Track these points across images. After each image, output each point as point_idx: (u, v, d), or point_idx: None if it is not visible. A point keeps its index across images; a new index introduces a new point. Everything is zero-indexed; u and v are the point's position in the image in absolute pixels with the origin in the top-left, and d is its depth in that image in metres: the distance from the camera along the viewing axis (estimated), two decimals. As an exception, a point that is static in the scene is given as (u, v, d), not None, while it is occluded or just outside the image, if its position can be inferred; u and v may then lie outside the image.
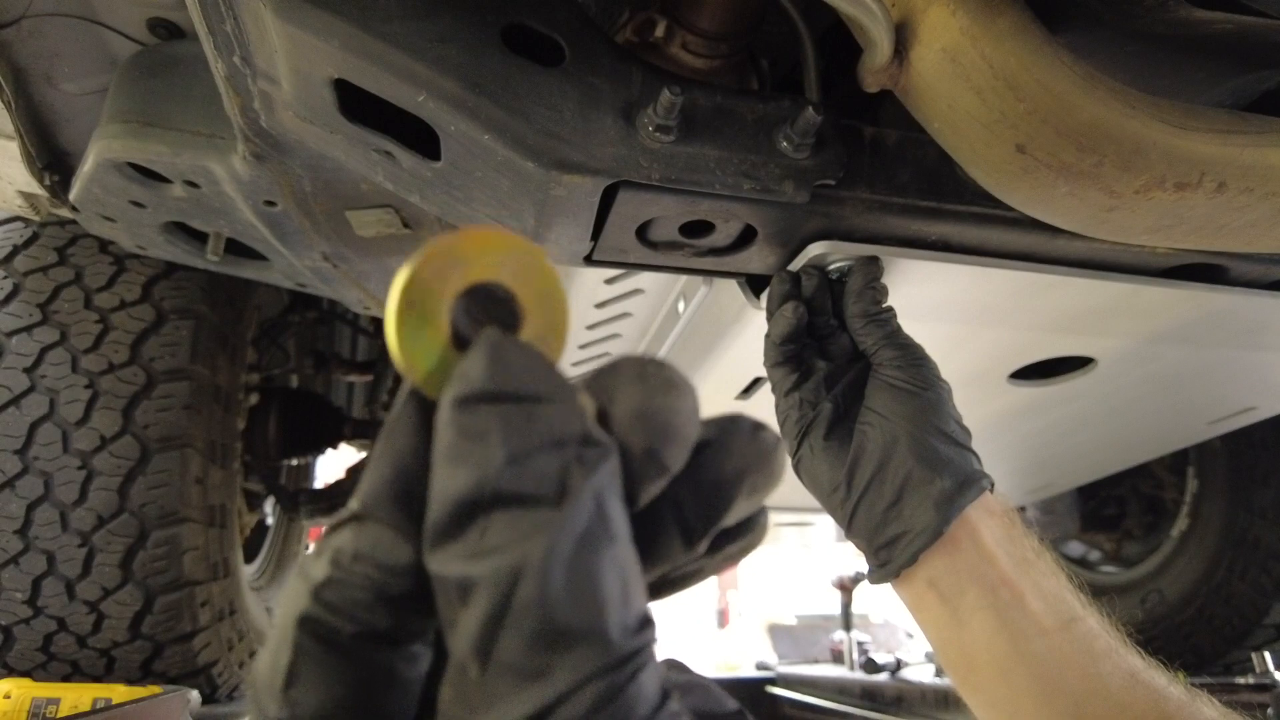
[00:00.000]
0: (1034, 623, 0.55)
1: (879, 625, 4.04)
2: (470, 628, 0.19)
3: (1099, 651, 0.55)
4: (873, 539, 0.61)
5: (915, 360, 0.64)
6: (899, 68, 0.54)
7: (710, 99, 0.62)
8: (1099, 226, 0.58)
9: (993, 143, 0.53)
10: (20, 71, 0.97)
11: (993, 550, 0.58)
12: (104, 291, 1.32)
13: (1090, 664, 0.54)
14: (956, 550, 0.59)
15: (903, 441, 0.61)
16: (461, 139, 0.61)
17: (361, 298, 1.27)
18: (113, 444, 1.26)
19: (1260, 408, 1.17)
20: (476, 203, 0.68)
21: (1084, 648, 0.55)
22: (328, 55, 0.60)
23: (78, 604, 1.26)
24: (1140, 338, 0.91)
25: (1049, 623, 0.55)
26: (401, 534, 0.22)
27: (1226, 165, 0.52)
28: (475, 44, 0.60)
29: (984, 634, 0.57)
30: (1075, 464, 1.56)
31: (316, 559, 0.22)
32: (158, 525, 1.27)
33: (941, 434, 0.61)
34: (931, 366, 0.65)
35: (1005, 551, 0.58)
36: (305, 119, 0.70)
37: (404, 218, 0.98)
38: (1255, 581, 1.84)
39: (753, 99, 0.64)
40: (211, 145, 0.88)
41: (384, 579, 0.21)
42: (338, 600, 0.21)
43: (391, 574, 0.21)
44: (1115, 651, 0.55)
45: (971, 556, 0.58)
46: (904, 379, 0.63)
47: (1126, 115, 0.50)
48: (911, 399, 0.62)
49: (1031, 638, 0.55)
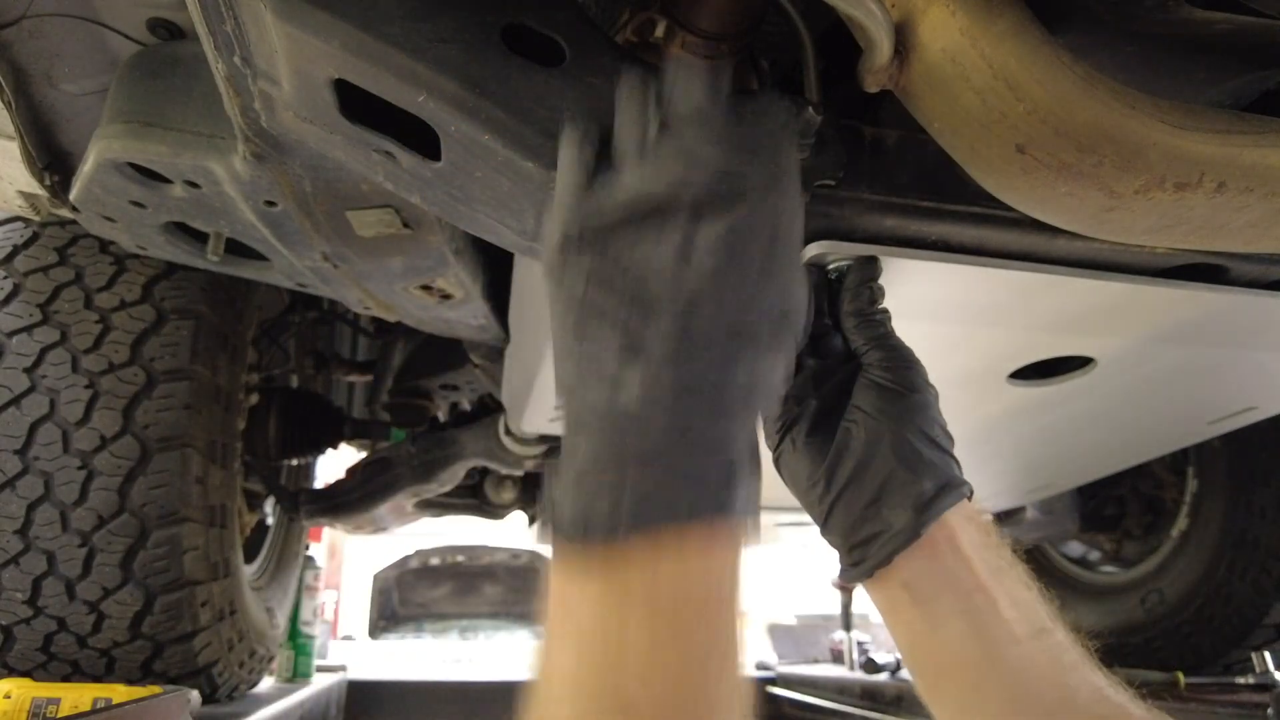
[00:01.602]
0: (1007, 631, 0.55)
1: (879, 625, 4.04)
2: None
3: (1068, 664, 0.55)
4: (848, 537, 0.61)
5: (905, 362, 0.64)
6: (899, 68, 0.54)
7: (710, 99, 0.62)
8: (1099, 226, 0.58)
9: (993, 143, 0.53)
10: (21, 72, 0.97)
11: (969, 556, 0.58)
12: (104, 292, 1.32)
13: (1061, 675, 0.54)
14: (934, 554, 0.58)
15: (886, 441, 0.61)
16: (462, 139, 0.61)
17: (361, 298, 1.27)
18: (113, 444, 1.26)
19: (1260, 407, 1.17)
20: (477, 203, 0.68)
21: (1055, 659, 0.55)
22: (328, 56, 0.60)
23: (78, 604, 1.26)
24: (1140, 337, 0.91)
25: (1021, 632, 0.55)
26: None
27: (1226, 165, 0.52)
28: (475, 44, 0.60)
29: (956, 639, 0.56)
30: (1075, 464, 1.57)
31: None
32: (158, 525, 1.27)
33: (926, 437, 0.61)
34: (921, 370, 0.65)
35: (981, 558, 0.58)
36: (305, 119, 0.70)
37: (404, 218, 0.98)
38: (1255, 581, 1.84)
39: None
40: (212, 145, 0.88)
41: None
42: None
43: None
44: (1083, 665, 0.55)
45: (948, 561, 0.58)
46: (892, 379, 0.63)
47: (1126, 115, 0.50)
48: (899, 400, 0.62)
49: (1004, 646, 0.55)
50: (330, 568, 5.08)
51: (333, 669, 2.73)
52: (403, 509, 2.24)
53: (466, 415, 2.08)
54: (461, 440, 1.95)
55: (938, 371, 0.66)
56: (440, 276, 1.18)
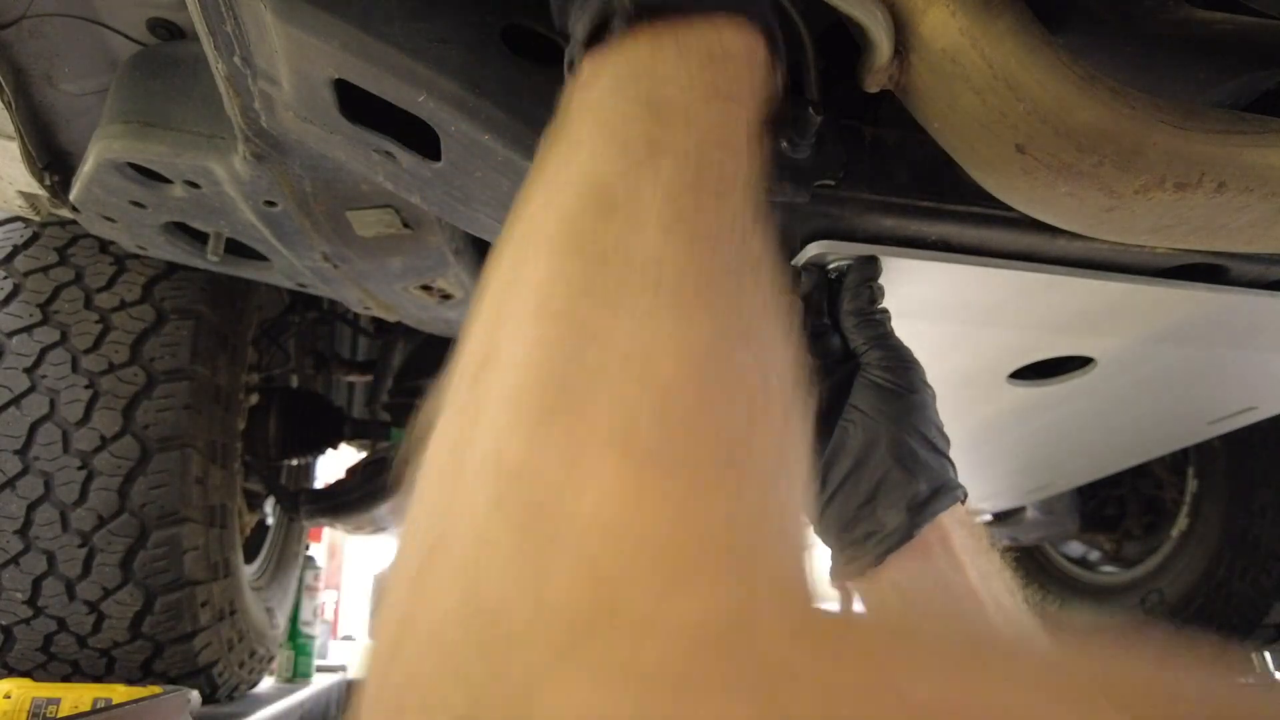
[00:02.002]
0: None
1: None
2: None
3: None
4: (842, 535, 0.61)
5: (904, 363, 0.64)
6: (899, 68, 0.54)
7: (710, 99, 0.62)
8: (1099, 226, 0.58)
9: (993, 143, 0.53)
10: (21, 72, 0.97)
11: (962, 560, 0.58)
12: (104, 292, 1.32)
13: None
14: (926, 555, 0.58)
15: (883, 441, 0.61)
16: (462, 139, 0.61)
17: (362, 298, 1.27)
18: (113, 444, 1.26)
19: (1260, 407, 1.16)
20: (476, 203, 0.68)
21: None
22: (328, 56, 0.60)
23: (78, 604, 1.26)
24: (1140, 337, 0.91)
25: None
26: None
27: (1226, 165, 0.52)
28: (475, 44, 0.60)
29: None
30: (1075, 464, 1.56)
31: None
32: (158, 525, 1.27)
33: (923, 438, 0.61)
34: (919, 371, 0.65)
35: (973, 563, 0.58)
36: (305, 119, 0.70)
37: (404, 218, 0.98)
38: (1255, 581, 1.84)
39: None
40: (212, 145, 0.88)
41: None
42: None
43: None
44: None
45: (940, 563, 0.58)
46: (891, 379, 0.63)
47: (1126, 115, 0.50)
48: (896, 400, 0.62)
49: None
50: (330, 568, 5.08)
51: (333, 669, 2.73)
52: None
53: (467, 415, 2.07)
54: (462, 440, 1.95)
55: (937, 371, 0.66)
56: (440, 276, 1.18)
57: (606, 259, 0.31)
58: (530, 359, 0.29)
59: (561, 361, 0.28)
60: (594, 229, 0.32)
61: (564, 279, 0.31)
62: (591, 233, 0.32)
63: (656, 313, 0.29)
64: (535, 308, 0.30)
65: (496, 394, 0.28)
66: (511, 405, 0.27)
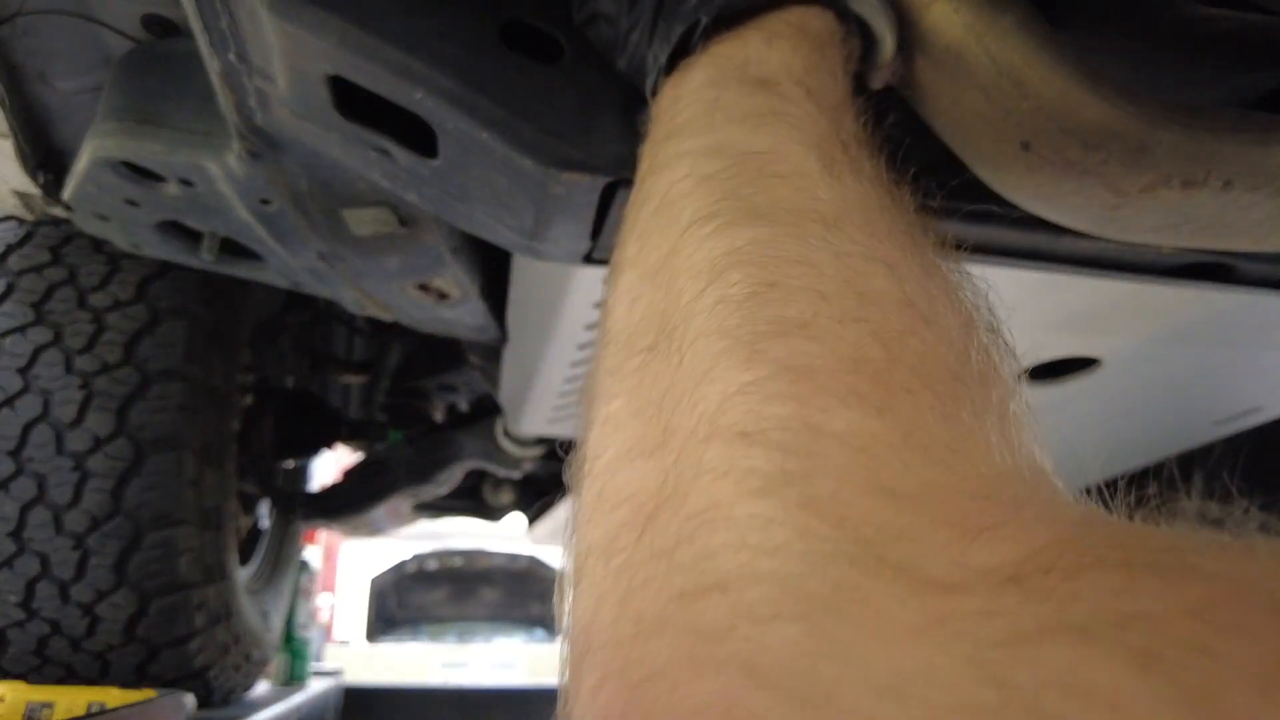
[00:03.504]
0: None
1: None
2: None
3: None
4: None
5: None
6: (902, 64, 0.54)
7: (711, 96, 0.62)
8: (1104, 225, 0.58)
9: (997, 140, 0.53)
10: (14, 69, 0.97)
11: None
12: (98, 291, 1.31)
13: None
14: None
15: None
16: (459, 136, 0.60)
17: (358, 297, 1.26)
18: (107, 445, 1.25)
19: (1266, 408, 1.16)
20: (474, 200, 0.68)
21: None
22: (323, 52, 0.59)
23: (72, 607, 1.25)
24: (1146, 337, 0.91)
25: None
26: None
27: (1233, 163, 0.51)
28: (473, 41, 0.59)
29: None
30: (1079, 466, 1.56)
31: None
32: (152, 528, 1.26)
33: None
34: None
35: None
36: (301, 116, 0.69)
37: (401, 216, 0.98)
38: (1256, 583, 1.83)
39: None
40: (206, 143, 0.87)
41: None
42: None
43: None
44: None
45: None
46: None
47: (1132, 112, 0.50)
48: None
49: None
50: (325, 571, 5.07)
51: (328, 673, 2.72)
52: (400, 511, 2.23)
53: (464, 417, 2.06)
54: (459, 442, 1.94)
55: (941, 372, 0.65)
56: (437, 276, 1.17)
57: (783, 218, 0.32)
58: (729, 319, 0.29)
59: (776, 306, 0.29)
60: (760, 191, 0.34)
61: (749, 242, 0.31)
62: (759, 194, 0.34)
63: (849, 253, 0.31)
64: (726, 268, 0.30)
65: (703, 357, 0.28)
66: (724, 368, 0.27)
